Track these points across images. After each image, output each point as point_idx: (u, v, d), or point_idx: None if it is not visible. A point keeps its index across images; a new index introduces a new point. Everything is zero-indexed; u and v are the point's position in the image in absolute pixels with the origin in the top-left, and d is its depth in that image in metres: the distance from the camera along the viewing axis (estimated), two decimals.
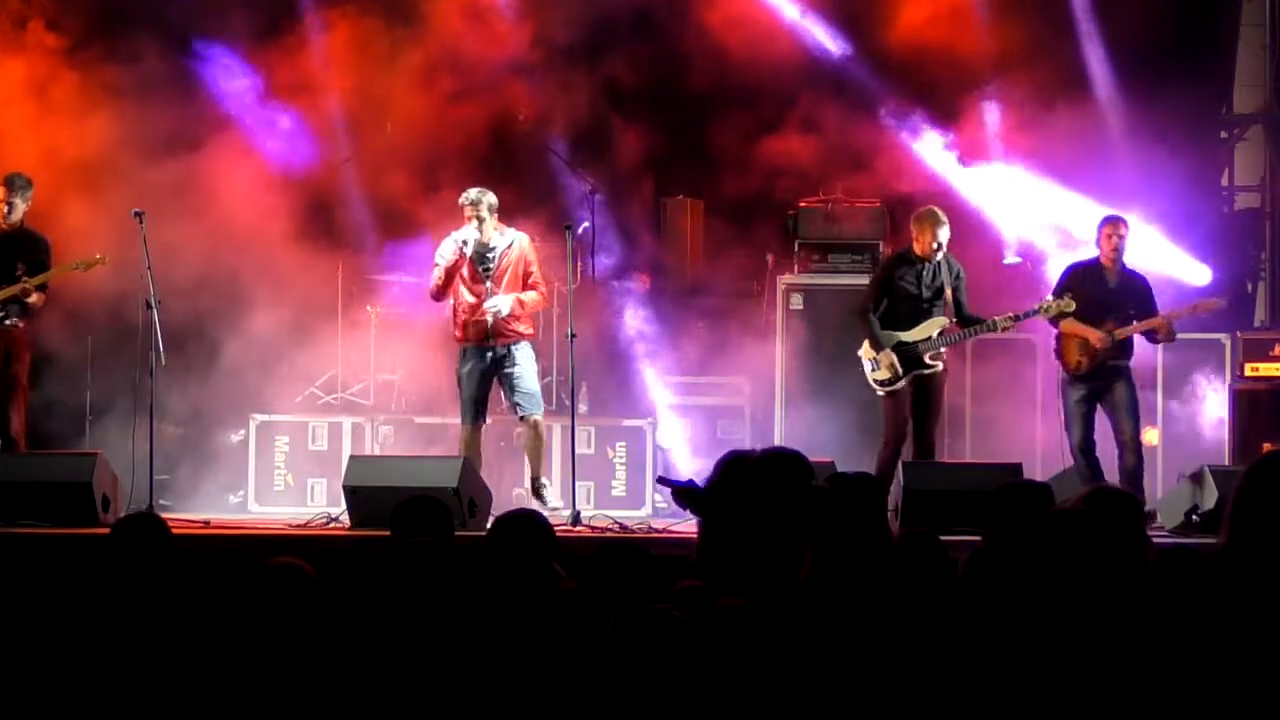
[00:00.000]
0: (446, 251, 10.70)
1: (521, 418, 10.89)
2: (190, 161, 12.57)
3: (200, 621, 4.70)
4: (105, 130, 12.39)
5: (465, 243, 10.63)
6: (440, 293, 10.83)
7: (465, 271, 10.66)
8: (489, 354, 10.69)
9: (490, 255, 10.67)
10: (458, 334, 10.81)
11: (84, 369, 12.72)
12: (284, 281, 12.48)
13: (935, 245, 10.72)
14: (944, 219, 10.82)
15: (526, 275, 10.75)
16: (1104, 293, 10.80)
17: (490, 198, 10.70)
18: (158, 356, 10.66)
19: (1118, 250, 10.80)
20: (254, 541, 9.27)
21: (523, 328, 10.78)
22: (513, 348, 10.69)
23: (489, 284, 10.63)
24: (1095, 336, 10.69)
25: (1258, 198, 14.53)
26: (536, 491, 10.79)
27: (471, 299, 10.66)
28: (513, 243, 10.75)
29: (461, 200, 10.75)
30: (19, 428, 11.04)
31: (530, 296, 10.75)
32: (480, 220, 10.61)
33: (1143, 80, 13.13)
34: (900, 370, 10.71)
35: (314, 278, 12.76)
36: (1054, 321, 10.87)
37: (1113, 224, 10.90)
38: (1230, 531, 3.98)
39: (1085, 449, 10.75)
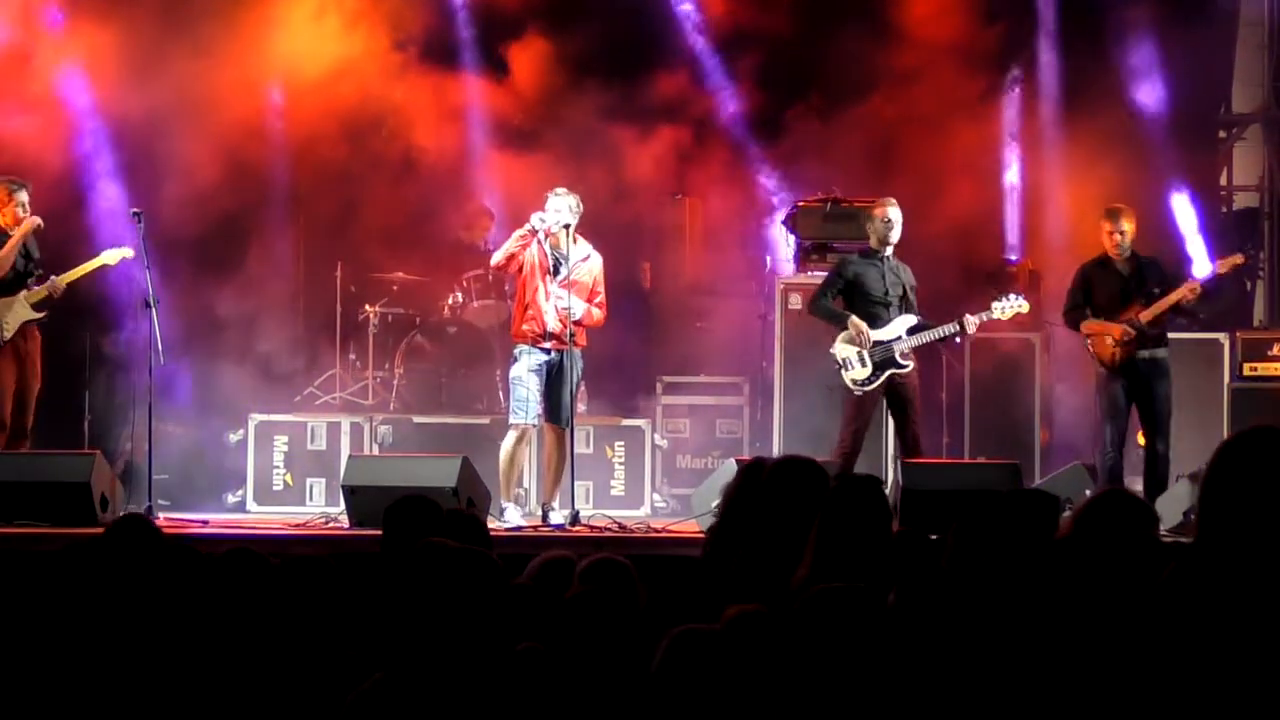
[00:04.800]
0: (524, 226, 10.58)
1: (549, 424, 10.72)
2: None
3: (195, 621, 4.70)
4: None
5: (543, 221, 10.47)
6: (504, 264, 10.69)
7: (539, 271, 10.57)
8: (545, 356, 10.62)
9: (564, 261, 10.61)
10: (520, 331, 10.67)
11: (83, 368, 12.71)
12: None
13: (885, 220, 10.67)
14: (893, 201, 10.80)
15: (594, 294, 10.71)
16: (1118, 284, 10.73)
17: (575, 200, 10.62)
18: (157, 356, 10.65)
19: (1119, 245, 10.76)
20: (253, 541, 9.24)
21: (579, 338, 10.70)
22: (565, 355, 10.63)
23: (556, 287, 10.54)
24: (1116, 332, 10.65)
25: (1256, 197, 14.54)
26: (545, 516, 10.69)
27: (542, 298, 10.58)
28: (589, 257, 10.69)
29: (557, 191, 10.63)
30: (31, 423, 11.05)
31: (596, 314, 10.72)
32: (567, 216, 10.51)
33: (1142, 79, 13.13)
34: (872, 361, 10.64)
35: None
36: (1071, 322, 10.81)
37: (1109, 218, 10.85)
38: (1201, 510, 3.89)
39: (1118, 447, 10.67)
